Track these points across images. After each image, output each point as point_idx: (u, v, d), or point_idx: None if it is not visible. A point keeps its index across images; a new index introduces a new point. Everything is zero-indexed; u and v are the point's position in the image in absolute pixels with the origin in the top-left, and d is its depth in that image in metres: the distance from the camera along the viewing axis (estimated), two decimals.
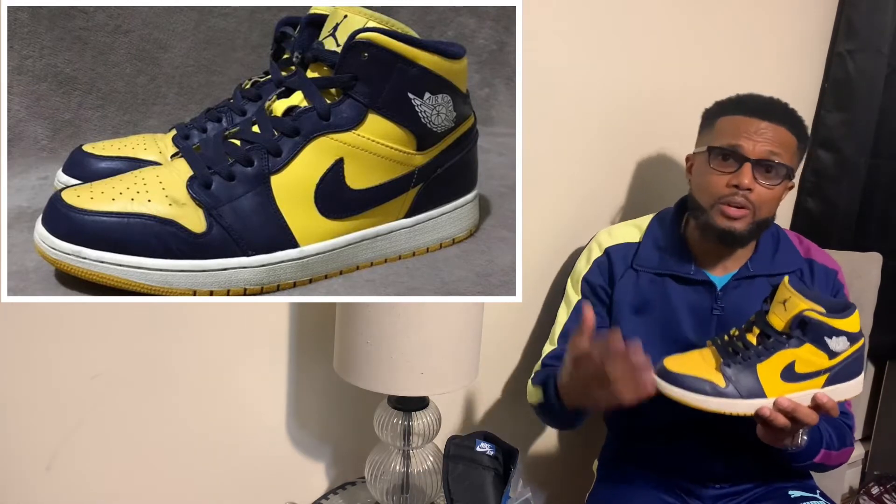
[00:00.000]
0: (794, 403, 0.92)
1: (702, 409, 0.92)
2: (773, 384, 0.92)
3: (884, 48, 1.64)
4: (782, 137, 1.07)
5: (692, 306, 1.13)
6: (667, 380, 0.94)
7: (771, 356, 0.92)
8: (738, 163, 1.06)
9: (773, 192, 1.07)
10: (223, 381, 1.08)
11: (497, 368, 1.36)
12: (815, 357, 0.92)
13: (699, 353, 0.97)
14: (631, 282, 1.16)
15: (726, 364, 0.93)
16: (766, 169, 1.06)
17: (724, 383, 0.92)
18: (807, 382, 0.93)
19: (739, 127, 1.08)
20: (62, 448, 0.98)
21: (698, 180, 1.12)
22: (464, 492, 0.98)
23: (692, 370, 0.94)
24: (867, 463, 2.02)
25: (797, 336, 0.91)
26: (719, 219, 1.07)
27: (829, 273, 1.15)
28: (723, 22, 1.50)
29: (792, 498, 1.12)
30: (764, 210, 1.07)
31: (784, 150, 1.07)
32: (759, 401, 0.92)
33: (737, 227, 1.07)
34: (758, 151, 1.05)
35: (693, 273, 1.13)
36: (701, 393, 0.92)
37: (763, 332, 0.93)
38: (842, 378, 0.94)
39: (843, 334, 0.91)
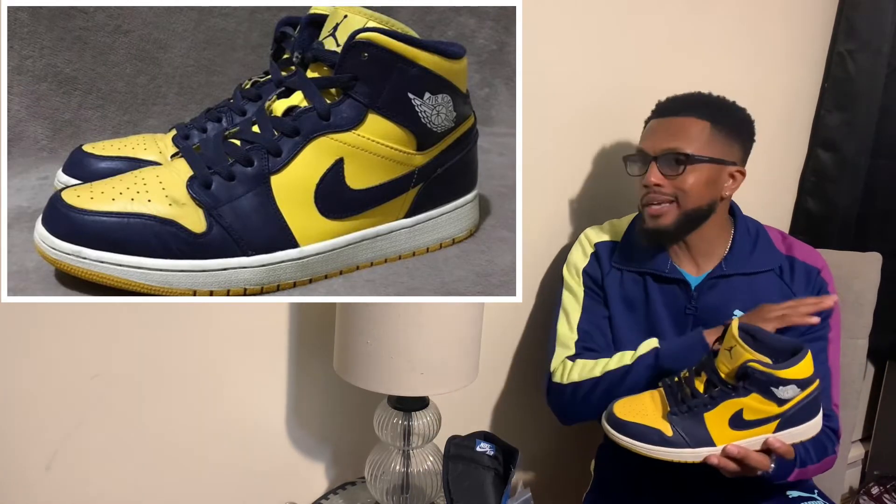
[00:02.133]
0: (743, 450, 0.92)
1: (650, 456, 0.93)
2: (722, 432, 0.92)
3: (884, 48, 1.64)
4: (687, 127, 1.10)
5: (669, 305, 1.15)
6: (615, 427, 0.95)
7: (717, 405, 0.92)
8: (644, 163, 1.11)
9: (687, 182, 1.08)
10: (223, 381, 1.08)
11: (497, 368, 1.36)
12: (763, 405, 0.91)
13: (650, 396, 0.97)
14: (615, 280, 1.19)
15: (673, 413, 0.93)
16: (671, 161, 1.09)
17: (671, 432, 0.92)
18: (757, 429, 0.92)
19: (646, 131, 1.15)
20: (62, 448, 0.98)
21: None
22: (464, 492, 0.98)
23: (640, 417, 0.94)
24: (867, 463, 2.02)
25: (742, 386, 0.90)
26: (647, 220, 1.12)
27: (810, 271, 1.15)
28: (723, 22, 1.50)
29: (790, 498, 1.11)
30: (689, 200, 1.09)
31: (689, 139, 1.09)
32: (706, 449, 0.92)
33: (662, 223, 1.11)
34: (657, 147, 1.10)
35: (668, 271, 1.15)
36: (648, 442, 0.93)
37: (710, 380, 0.93)
38: (797, 421, 0.93)
39: (791, 382, 0.90)
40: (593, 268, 1.21)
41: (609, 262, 1.20)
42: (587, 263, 1.22)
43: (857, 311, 1.35)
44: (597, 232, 1.24)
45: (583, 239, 1.24)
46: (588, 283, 1.21)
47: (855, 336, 1.35)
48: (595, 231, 1.24)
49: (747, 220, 1.19)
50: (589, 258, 1.22)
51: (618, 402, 0.98)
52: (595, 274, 1.21)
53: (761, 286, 1.13)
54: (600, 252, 1.21)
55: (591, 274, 1.21)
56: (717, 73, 1.50)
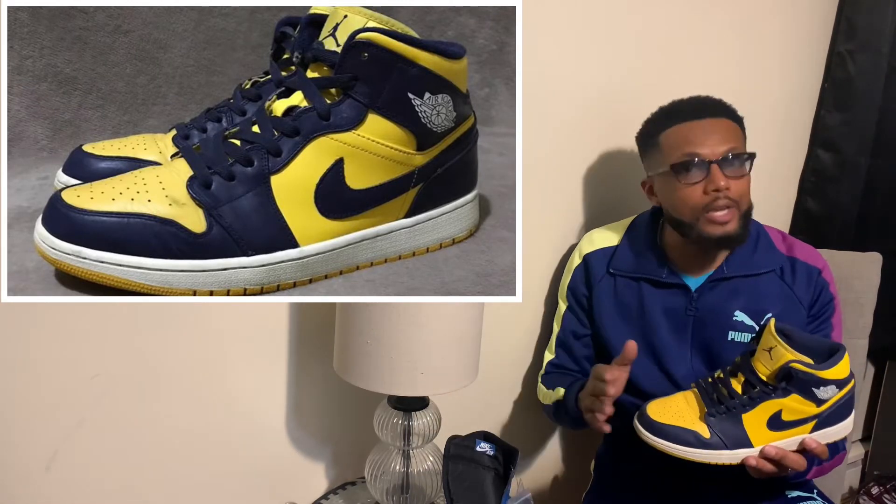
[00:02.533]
0: (781, 451, 0.91)
1: (686, 459, 0.92)
2: (760, 433, 0.91)
3: (884, 48, 1.64)
4: (728, 128, 1.08)
5: (667, 309, 1.14)
6: (650, 430, 0.93)
7: (756, 406, 0.91)
8: (705, 168, 1.06)
9: (745, 182, 1.08)
10: (223, 381, 1.08)
11: (497, 368, 1.36)
12: (803, 406, 0.90)
13: (683, 397, 0.96)
14: (609, 286, 1.19)
15: (710, 414, 0.92)
16: (736, 162, 1.06)
17: (708, 434, 0.91)
18: (794, 430, 0.91)
19: (686, 135, 1.08)
20: (62, 448, 0.98)
21: (670, 200, 1.11)
22: (464, 492, 0.98)
23: (675, 420, 0.93)
24: (867, 463, 2.02)
25: (783, 388, 0.89)
26: (710, 227, 1.07)
27: (811, 271, 1.15)
28: (723, 22, 1.50)
29: (789, 498, 1.12)
30: (744, 202, 1.08)
31: (735, 139, 1.08)
32: (744, 451, 0.91)
33: (729, 229, 1.07)
34: (717, 151, 1.06)
35: (666, 276, 1.14)
36: (685, 444, 0.91)
37: (748, 381, 0.92)
38: (832, 422, 0.92)
39: (831, 383, 0.89)
40: (576, 283, 1.23)
41: (602, 269, 1.20)
42: (570, 279, 1.24)
43: (857, 311, 1.35)
44: (591, 242, 1.24)
45: (574, 254, 1.26)
46: (570, 298, 1.23)
47: (855, 336, 1.35)
48: (589, 241, 1.24)
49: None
50: (572, 273, 1.24)
51: (651, 403, 0.97)
52: (578, 289, 1.22)
53: (762, 287, 1.13)
54: (590, 262, 1.21)
55: (573, 290, 1.23)
56: (717, 73, 1.50)
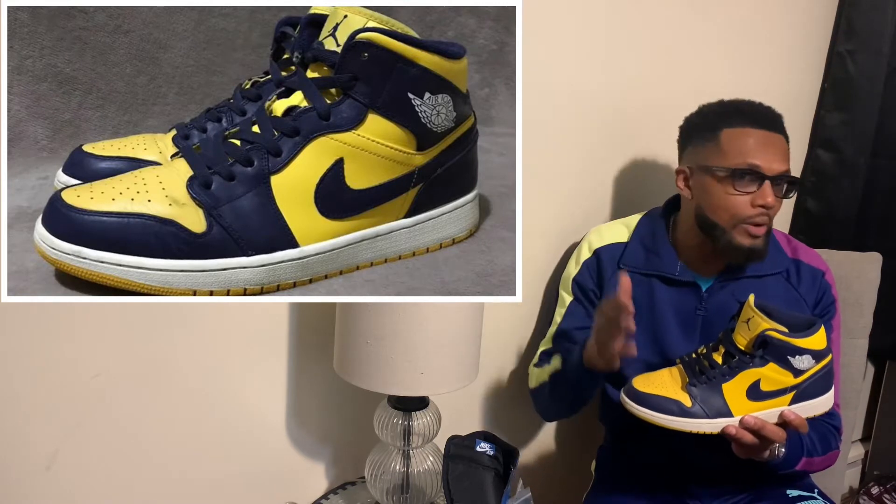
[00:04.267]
0: (760, 421, 0.93)
1: (669, 427, 0.94)
2: (739, 403, 0.94)
3: (884, 48, 1.64)
4: (785, 148, 1.08)
5: (677, 307, 1.14)
6: (635, 400, 0.96)
7: (735, 376, 0.94)
8: (758, 181, 1.05)
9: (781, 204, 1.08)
10: (223, 381, 1.08)
11: (497, 368, 1.36)
12: (780, 376, 0.93)
13: (668, 372, 0.99)
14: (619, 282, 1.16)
15: (692, 384, 0.95)
16: (785, 185, 1.07)
17: (690, 403, 0.94)
18: (773, 401, 0.94)
19: (752, 142, 1.06)
20: (62, 448, 0.98)
21: (710, 199, 1.09)
22: (464, 492, 0.98)
23: (659, 390, 0.96)
24: (867, 463, 2.01)
25: (760, 356, 0.92)
26: (744, 238, 1.07)
27: (815, 274, 1.15)
28: (723, 22, 1.50)
29: (790, 497, 1.12)
30: (772, 220, 1.09)
31: (788, 160, 1.07)
32: (725, 420, 0.94)
33: (759, 243, 1.08)
34: (776, 169, 1.05)
35: (679, 274, 1.14)
36: (668, 413, 0.94)
37: (728, 352, 0.95)
38: (810, 395, 0.95)
39: (807, 352, 0.92)
40: (584, 276, 1.20)
41: (612, 264, 1.18)
42: (578, 272, 1.21)
43: (857, 311, 1.35)
44: (601, 236, 1.22)
45: (583, 245, 1.23)
46: (576, 291, 1.21)
47: (855, 336, 1.35)
48: (598, 235, 1.22)
49: None
50: (581, 266, 1.21)
51: (637, 377, 0.99)
52: (586, 282, 1.20)
53: (769, 288, 1.13)
54: (602, 257, 1.19)
55: (580, 283, 1.20)
56: (716, 73, 1.50)
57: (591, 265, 1.20)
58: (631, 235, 1.19)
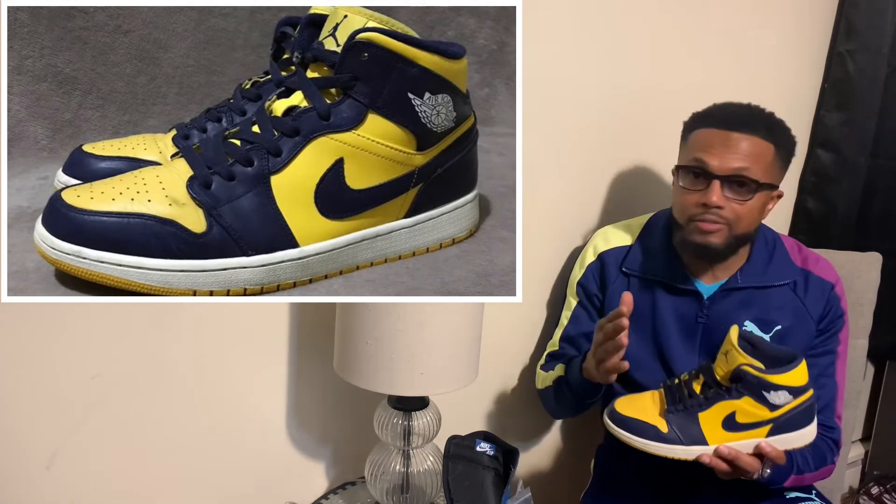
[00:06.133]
0: (734, 451, 0.94)
1: (645, 451, 0.96)
2: (715, 433, 0.95)
3: (884, 48, 1.64)
4: (755, 148, 1.03)
5: (679, 314, 1.13)
6: (614, 421, 0.99)
7: (711, 406, 0.95)
8: (707, 180, 1.04)
9: (746, 207, 1.04)
10: (223, 381, 1.08)
11: (497, 368, 1.36)
12: (756, 409, 0.94)
13: (650, 396, 1.01)
14: (622, 288, 1.16)
15: (669, 411, 0.97)
16: (737, 184, 1.03)
17: (666, 429, 0.96)
18: (749, 432, 0.95)
19: (708, 141, 1.05)
20: (62, 448, 0.98)
21: (674, 199, 1.11)
22: (464, 492, 0.98)
23: (639, 413, 0.98)
24: (867, 463, 2.01)
25: (736, 388, 0.94)
26: (695, 235, 1.06)
27: (824, 286, 1.13)
28: (723, 22, 1.50)
29: (788, 498, 1.12)
30: (741, 225, 1.05)
31: (756, 162, 1.03)
32: (700, 448, 0.96)
33: (712, 241, 1.05)
34: (726, 167, 1.02)
35: (680, 281, 1.13)
36: (644, 437, 0.96)
37: (706, 382, 0.96)
38: (789, 428, 0.95)
39: (782, 388, 0.93)
40: (588, 280, 1.21)
41: (616, 268, 1.18)
42: (582, 276, 1.22)
43: (857, 311, 1.35)
44: (606, 239, 1.22)
45: (588, 248, 1.23)
46: (581, 294, 1.22)
47: (855, 336, 1.35)
48: (604, 238, 1.22)
49: (766, 230, 1.16)
50: (585, 270, 1.22)
51: (619, 399, 1.01)
52: (590, 286, 1.21)
53: (774, 299, 1.12)
54: (606, 261, 1.19)
55: (584, 286, 1.21)
56: (716, 72, 1.50)
57: (594, 269, 1.21)
58: (635, 239, 1.19)
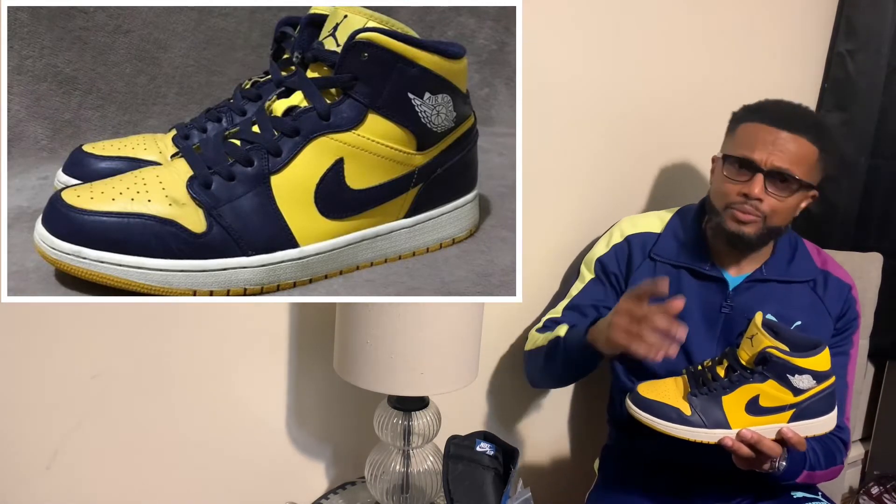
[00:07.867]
0: (757, 435, 0.95)
1: (667, 434, 0.97)
2: (738, 416, 0.96)
3: (884, 48, 1.64)
4: (801, 149, 1.06)
5: (703, 302, 1.14)
6: (637, 404, 0.99)
7: (735, 389, 0.96)
8: (751, 173, 1.07)
9: (784, 204, 1.07)
10: (223, 382, 1.08)
11: (497, 368, 1.36)
12: (779, 393, 0.95)
13: (673, 381, 1.01)
14: (647, 272, 1.17)
15: (693, 394, 0.98)
16: (779, 180, 1.06)
17: (689, 412, 0.96)
18: (772, 417, 0.96)
19: (757, 136, 1.08)
20: (62, 448, 0.98)
21: (714, 185, 1.14)
22: (464, 492, 0.98)
23: (662, 397, 0.98)
24: (867, 463, 2.01)
25: (760, 371, 0.95)
26: (730, 222, 1.09)
27: (842, 287, 1.16)
28: (723, 22, 1.50)
29: (794, 498, 1.12)
30: (776, 219, 1.08)
31: (800, 163, 1.06)
32: (722, 431, 0.96)
33: (746, 230, 1.08)
34: (771, 163, 1.05)
35: (708, 269, 1.15)
36: (667, 419, 0.97)
37: (730, 366, 0.97)
38: (811, 414, 0.96)
39: (807, 372, 0.94)
40: (611, 259, 1.21)
41: (643, 253, 1.19)
42: (605, 254, 1.22)
43: None
44: (634, 224, 1.23)
45: (614, 230, 1.24)
46: (599, 270, 1.22)
47: None
48: (631, 223, 1.23)
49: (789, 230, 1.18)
50: (609, 249, 1.22)
51: (642, 384, 1.02)
52: (611, 265, 1.21)
53: (795, 296, 1.14)
54: (633, 244, 1.20)
55: (605, 263, 1.21)
56: (716, 72, 1.50)
57: (620, 250, 1.21)
58: (664, 227, 1.20)
